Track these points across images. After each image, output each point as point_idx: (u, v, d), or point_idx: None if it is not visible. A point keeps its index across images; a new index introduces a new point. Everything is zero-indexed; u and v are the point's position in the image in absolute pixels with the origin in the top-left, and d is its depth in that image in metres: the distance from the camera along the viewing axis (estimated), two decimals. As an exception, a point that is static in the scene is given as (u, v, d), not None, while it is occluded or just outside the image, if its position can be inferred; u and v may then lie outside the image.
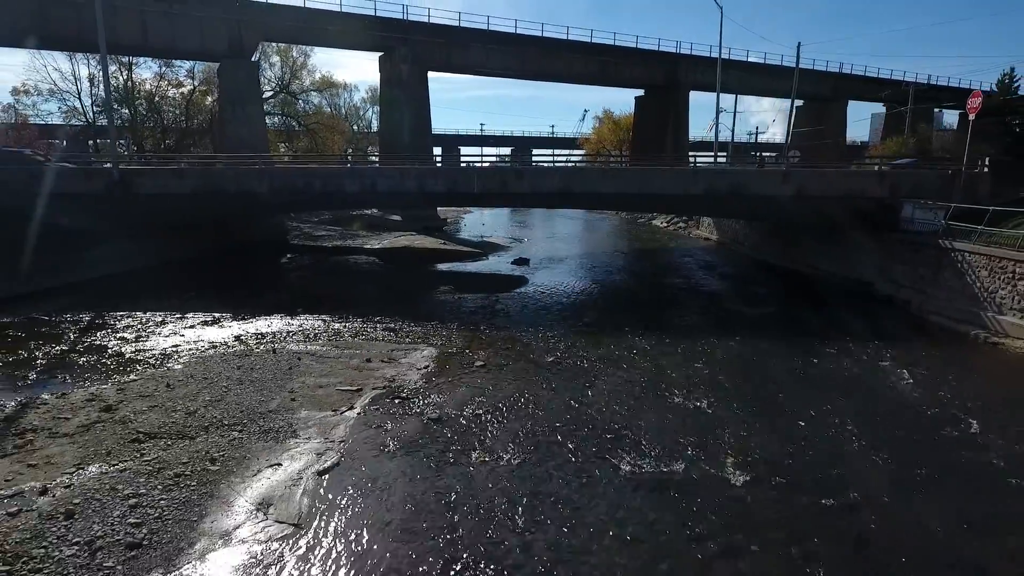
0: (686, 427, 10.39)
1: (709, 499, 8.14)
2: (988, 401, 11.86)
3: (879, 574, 6.72)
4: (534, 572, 6.59)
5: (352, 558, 6.78)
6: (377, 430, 10.01)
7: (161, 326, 15.91)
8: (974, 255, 17.51)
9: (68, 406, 10.34)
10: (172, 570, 6.38)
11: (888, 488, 8.63)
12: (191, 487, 7.90)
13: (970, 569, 6.95)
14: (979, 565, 7.02)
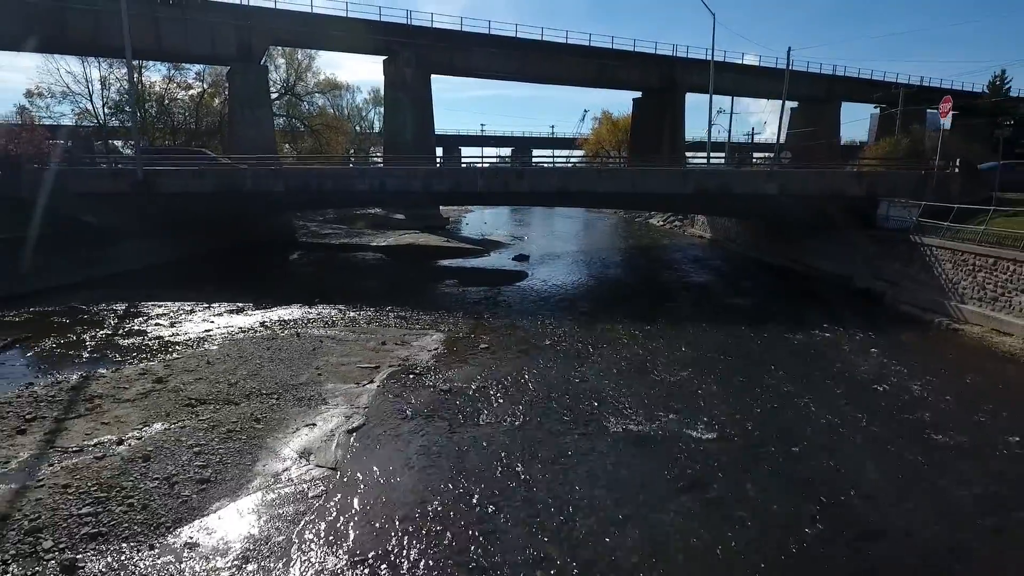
0: (667, 396, 11.82)
1: (682, 450, 9.57)
2: (935, 376, 13.29)
3: (819, 498, 8.13)
4: (534, 505, 7.99)
5: (381, 491, 8.20)
6: (396, 399, 11.44)
7: (191, 314, 17.35)
8: (940, 249, 18.94)
9: (124, 378, 11.79)
10: (237, 499, 7.80)
11: (833, 441, 10.06)
12: (243, 440, 9.33)
13: (885, 491, 8.35)
14: (892, 490, 8.43)
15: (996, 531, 7.77)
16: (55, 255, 21.74)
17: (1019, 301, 15.83)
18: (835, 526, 7.67)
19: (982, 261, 17.16)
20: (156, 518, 7.25)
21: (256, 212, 31.00)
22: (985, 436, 10.34)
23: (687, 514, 7.91)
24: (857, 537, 7.45)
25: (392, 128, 51.62)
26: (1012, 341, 15.35)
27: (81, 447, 8.86)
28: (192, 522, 7.24)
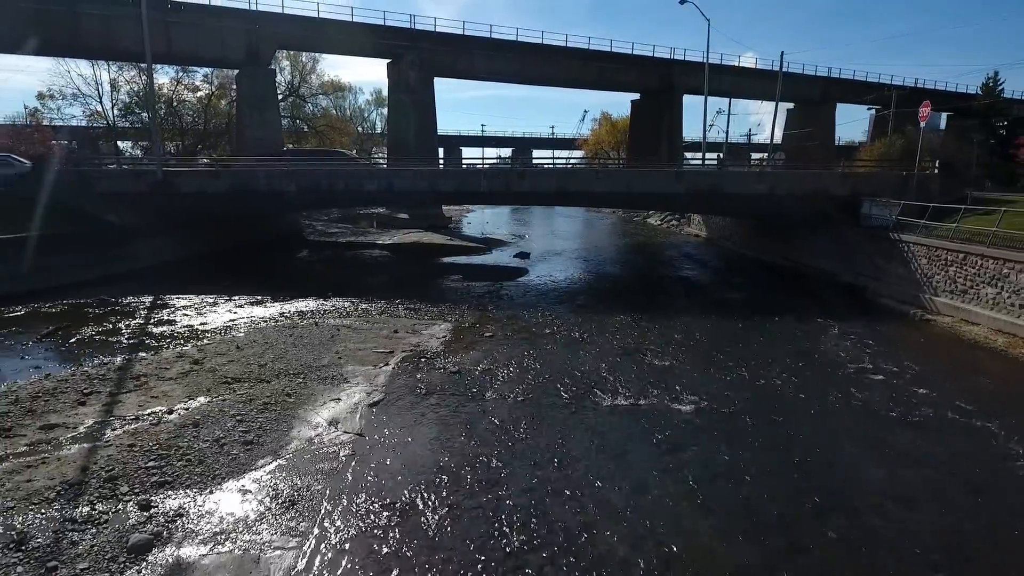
0: (655, 377, 13.03)
1: (666, 420, 10.78)
2: (901, 360, 14.48)
3: (782, 457, 9.33)
4: (535, 462, 9.18)
5: (401, 452, 9.40)
6: (410, 379, 12.65)
7: (215, 306, 18.56)
8: (916, 246, 20.15)
9: (164, 360, 13.01)
10: (279, 458, 9.01)
11: (801, 412, 11.29)
12: (278, 411, 10.55)
13: (837, 449, 9.55)
14: (843, 448, 9.63)
15: (918, 463, 8.97)
16: (81, 252, 22.96)
17: (986, 293, 17.04)
18: (791, 477, 8.90)
19: (953, 256, 18.38)
20: (212, 471, 8.47)
21: (268, 211, 32.26)
22: (935, 410, 11.54)
23: (666, 468, 9.13)
24: (811, 485, 8.65)
25: (396, 130, 52.80)
26: (978, 330, 16.57)
27: (137, 416, 10.08)
28: (243, 475, 8.45)
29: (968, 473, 9.27)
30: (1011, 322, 15.93)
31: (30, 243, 21.01)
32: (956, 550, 7.39)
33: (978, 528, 7.86)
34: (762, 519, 7.87)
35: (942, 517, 8.11)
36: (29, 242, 21.02)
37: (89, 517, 7.22)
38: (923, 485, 8.93)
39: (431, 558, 6.86)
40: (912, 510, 8.25)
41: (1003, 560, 7.26)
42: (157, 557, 6.60)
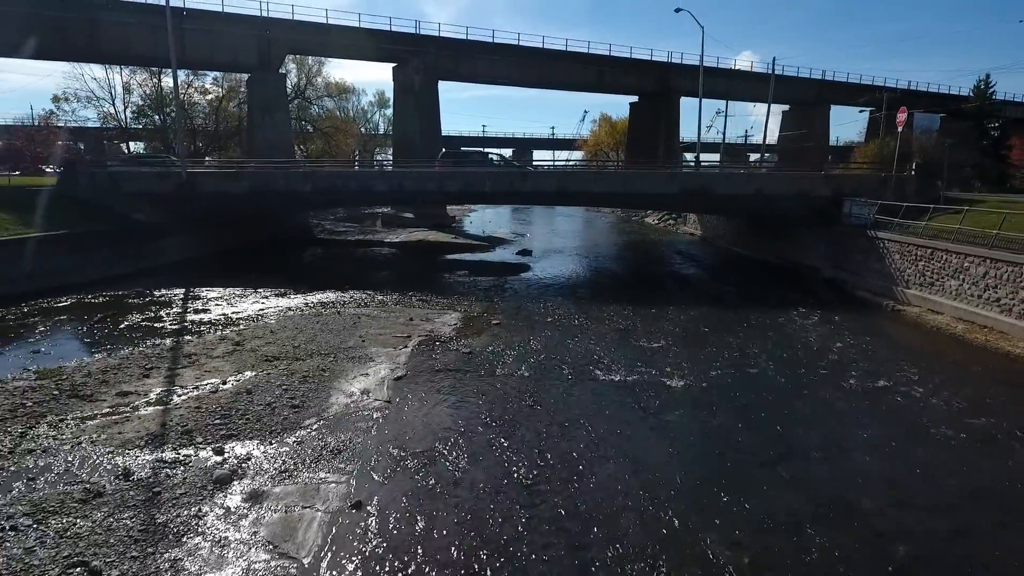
0: (644, 357, 14.64)
1: (654, 391, 12.39)
2: (868, 344, 16.10)
3: (752, 423, 10.91)
4: (539, 424, 10.77)
5: (424, 415, 10.98)
6: (427, 358, 14.25)
7: (243, 297, 20.18)
8: (890, 242, 21.76)
9: (208, 342, 14.63)
10: (322, 418, 10.61)
11: (773, 386, 12.88)
12: (316, 382, 12.16)
13: (802, 418, 11.14)
14: (808, 416, 11.22)
15: (860, 422, 10.56)
16: (113, 248, 24.58)
17: (949, 285, 18.65)
18: (754, 432, 10.51)
19: (922, 252, 19.99)
20: (268, 427, 10.08)
21: (284, 211, 33.89)
22: (886, 383, 13.14)
23: (651, 427, 10.74)
24: (768, 438, 10.26)
25: (401, 132, 54.41)
26: (941, 318, 18.17)
27: (196, 386, 11.70)
28: (295, 430, 10.05)
29: (897, 429, 10.85)
30: (970, 311, 17.54)
31: (70, 240, 22.65)
32: (877, 477, 8.96)
33: (897, 462, 9.45)
34: (728, 461, 9.46)
35: (871, 459, 9.69)
36: (69, 240, 22.66)
37: (176, 459, 8.83)
38: (861, 439, 10.52)
39: (455, 489, 8.45)
40: (848, 455, 9.85)
41: (911, 479, 8.84)
42: (237, 487, 8.21)
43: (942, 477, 9.31)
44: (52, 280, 20.73)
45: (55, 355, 13.62)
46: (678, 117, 63.36)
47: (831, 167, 32.26)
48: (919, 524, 7.99)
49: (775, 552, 7.20)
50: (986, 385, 13.26)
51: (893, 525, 7.90)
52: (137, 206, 27.16)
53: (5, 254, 19.94)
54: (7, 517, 7.21)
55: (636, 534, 7.45)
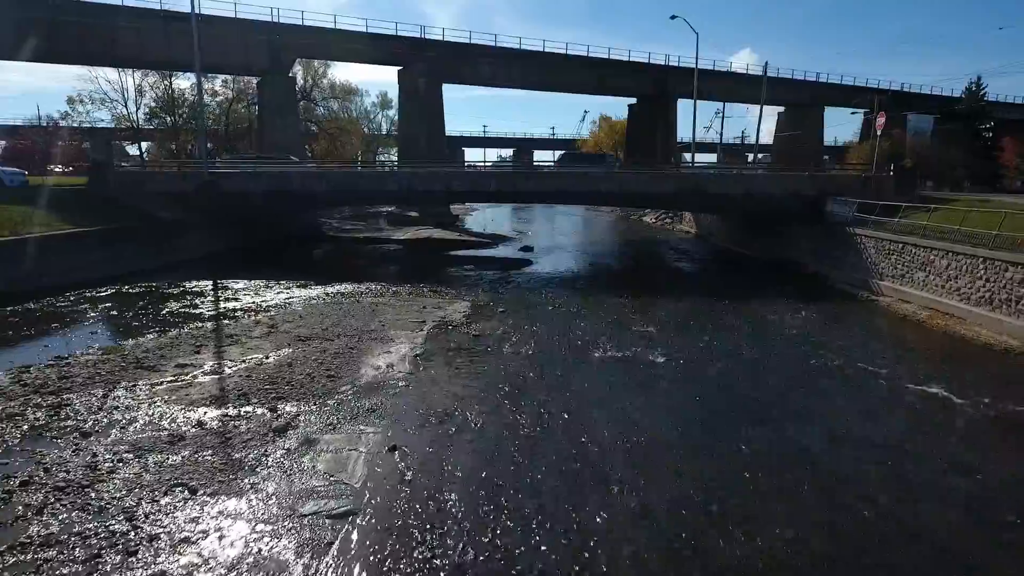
0: (636, 339, 16.32)
1: (643, 366, 14.07)
2: (839, 329, 17.78)
3: (727, 392, 12.59)
4: (542, 392, 12.43)
5: (443, 384, 12.64)
6: (441, 339, 15.93)
7: (268, 288, 21.87)
8: (867, 238, 23.42)
9: (245, 326, 16.32)
10: (356, 386, 12.28)
11: (748, 364, 14.56)
12: (347, 358, 13.85)
13: (773, 390, 12.81)
14: (778, 388, 12.89)
15: (818, 391, 12.24)
16: (142, 244, 26.28)
17: (917, 276, 20.33)
18: (727, 397, 12.19)
19: (894, 246, 21.66)
20: (310, 392, 11.76)
21: (298, 209, 35.64)
22: (845, 361, 14.80)
23: (638, 393, 12.42)
24: (739, 402, 11.94)
25: (406, 133, 56.13)
26: (909, 307, 19.85)
27: (243, 360, 13.40)
28: (333, 395, 11.73)
29: (849, 393, 12.52)
30: (934, 299, 19.22)
31: (104, 236, 24.34)
32: (827, 427, 10.60)
33: (844, 417, 11.11)
34: (701, 416, 11.14)
35: (825, 415, 11.35)
36: (103, 236, 24.35)
37: (238, 414, 10.52)
38: (818, 400, 12.19)
39: (471, 438, 10.11)
40: (806, 413, 11.52)
41: (854, 428, 10.49)
42: (293, 435, 9.88)
43: (882, 427, 10.96)
44: (90, 272, 22.41)
45: (111, 336, 15.34)
46: (675, 119, 65.00)
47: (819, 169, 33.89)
48: (858, 460, 9.64)
49: (736, 477, 8.85)
50: (936, 362, 14.94)
51: (836, 460, 9.57)
52: (161, 204, 28.83)
53: (50, 248, 21.63)
54: (114, 453, 8.91)
55: (621, 467, 9.12)
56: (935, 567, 7.10)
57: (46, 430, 9.68)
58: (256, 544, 7.01)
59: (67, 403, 10.70)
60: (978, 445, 10.42)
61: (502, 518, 7.70)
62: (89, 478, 8.21)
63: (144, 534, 7.06)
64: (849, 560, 7.13)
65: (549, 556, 6.97)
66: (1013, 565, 7.19)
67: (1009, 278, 16.48)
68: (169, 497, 7.86)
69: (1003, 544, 7.55)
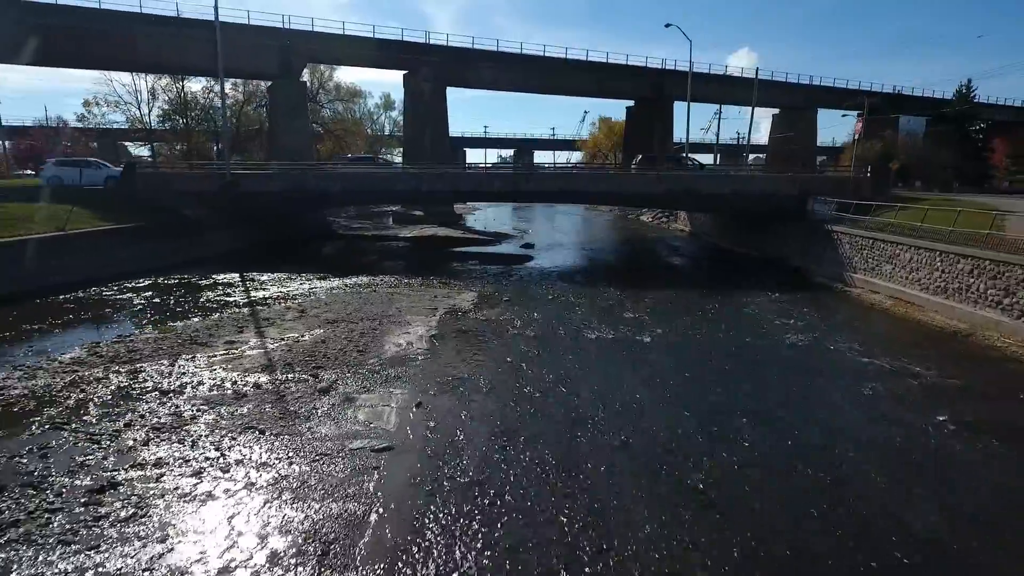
0: (626, 323, 18.28)
1: (631, 345, 16.03)
2: (810, 315, 19.71)
3: (704, 364, 14.52)
4: (542, 365, 14.37)
5: (456, 357, 14.57)
6: (453, 323, 17.88)
7: (291, 280, 23.83)
8: (843, 234, 25.37)
9: (278, 311, 18.29)
10: (382, 359, 14.23)
11: (725, 342, 16.51)
12: (371, 337, 15.81)
13: (739, 360, 14.73)
14: (746, 365, 14.82)
15: (782, 363, 14.17)
16: (168, 240, 28.23)
17: (884, 269, 22.28)
18: (706, 368, 14.13)
19: (865, 242, 23.62)
20: (344, 363, 13.71)
21: (313, 207, 37.62)
22: (809, 340, 16.76)
23: (626, 366, 14.37)
24: (715, 373, 13.88)
25: (410, 135, 58.03)
26: (877, 296, 21.81)
27: (282, 338, 15.37)
28: (364, 365, 13.68)
29: (809, 365, 14.46)
30: (899, 289, 21.17)
31: (137, 233, 26.31)
32: (788, 391, 12.54)
33: (804, 385, 13.04)
34: (680, 381, 13.08)
35: (787, 383, 13.29)
36: (136, 232, 26.33)
37: (287, 379, 12.49)
38: (781, 371, 14.13)
39: (483, 397, 12.05)
40: (771, 381, 13.46)
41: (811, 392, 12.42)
42: (335, 394, 11.84)
43: (828, 389, 12.91)
44: (125, 266, 24.38)
45: (161, 319, 17.29)
46: (672, 120, 66.91)
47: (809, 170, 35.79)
48: (805, 410, 11.58)
49: (700, 421, 10.78)
50: (892, 342, 16.88)
51: (788, 416, 11.50)
52: (185, 203, 30.79)
53: (90, 244, 23.62)
54: (193, 406, 10.89)
55: (606, 416, 11.06)
56: (840, 487, 9.03)
57: (131, 389, 11.66)
58: (318, 467, 8.97)
59: (141, 370, 12.69)
60: (906, 404, 12.34)
61: (508, 452, 9.66)
62: (177, 422, 10.19)
63: (231, 459, 9.03)
64: (781, 461, 9.07)
65: (546, 475, 8.93)
66: (917, 484, 9.11)
67: (960, 269, 18.44)
68: (244, 436, 9.83)
69: (900, 479, 9.49)
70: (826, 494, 8.66)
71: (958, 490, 8.96)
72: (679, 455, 9.69)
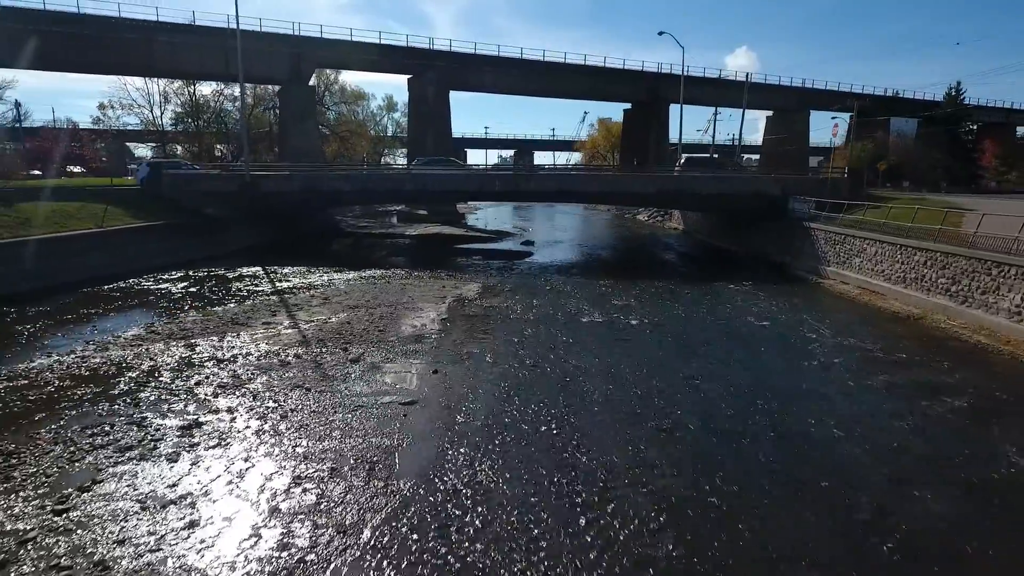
0: (616, 309, 20.38)
1: (619, 326, 18.12)
2: (784, 303, 21.80)
3: (684, 343, 16.60)
4: (541, 342, 16.46)
5: (464, 336, 16.65)
6: (461, 309, 19.98)
7: (311, 272, 25.94)
8: (819, 231, 27.47)
9: (303, 298, 20.41)
10: (400, 337, 16.31)
11: (703, 323, 18.61)
12: (389, 319, 17.92)
13: (715, 338, 16.80)
14: (722, 345, 16.88)
15: (757, 338, 16.24)
16: (192, 236, 30.32)
17: (854, 262, 24.37)
18: (684, 347, 16.23)
19: (838, 238, 25.72)
20: (368, 340, 15.81)
21: (325, 206, 39.85)
22: (787, 323, 18.85)
23: (613, 343, 16.47)
24: (693, 349, 15.97)
25: (414, 137, 60.18)
26: (846, 287, 23.90)
27: (312, 320, 17.49)
28: (385, 342, 15.77)
29: (777, 342, 16.54)
30: (866, 280, 23.26)
31: (166, 230, 28.45)
32: (758, 365, 14.60)
33: (772, 358, 15.11)
34: (661, 354, 15.17)
35: (752, 357, 15.36)
36: (165, 229, 28.47)
37: (321, 352, 14.60)
38: (754, 347, 16.22)
39: (489, 366, 14.12)
40: (734, 356, 15.55)
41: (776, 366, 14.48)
42: (363, 364, 13.93)
43: (790, 362, 14.99)
44: (156, 260, 26.50)
45: (201, 305, 19.39)
46: (667, 123, 68.97)
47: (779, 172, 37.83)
48: (767, 377, 13.65)
49: (676, 385, 12.86)
50: (863, 327, 18.90)
51: (746, 378, 13.58)
52: (207, 202, 32.89)
53: (127, 240, 25.76)
54: (247, 370, 12.99)
55: (595, 380, 13.13)
56: (776, 425, 11.10)
57: (191, 358, 13.78)
58: (358, 415, 11.07)
59: (196, 344, 14.82)
60: (851, 371, 14.40)
61: (511, 405, 11.76)
62: (238, 382, 12.31)
63: (287, 408, 11.15)
64: (733, 407, 11.16)
65: (541, 420, 11.02)
66: (832, 418, 11.17)
67: (916, 260, 20.55)
68: (294, 392, 11.95)
69: (824, 419, 11.58)
70: (764, 427, 10.74)
71: (863, 419, 11.04)
72: (649, 407, 11.79)
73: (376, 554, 7.09)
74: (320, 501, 8.13)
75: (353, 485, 8.58)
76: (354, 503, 8.12)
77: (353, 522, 7.69)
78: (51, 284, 20.64)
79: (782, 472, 9.35)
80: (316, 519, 7.71)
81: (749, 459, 9.77)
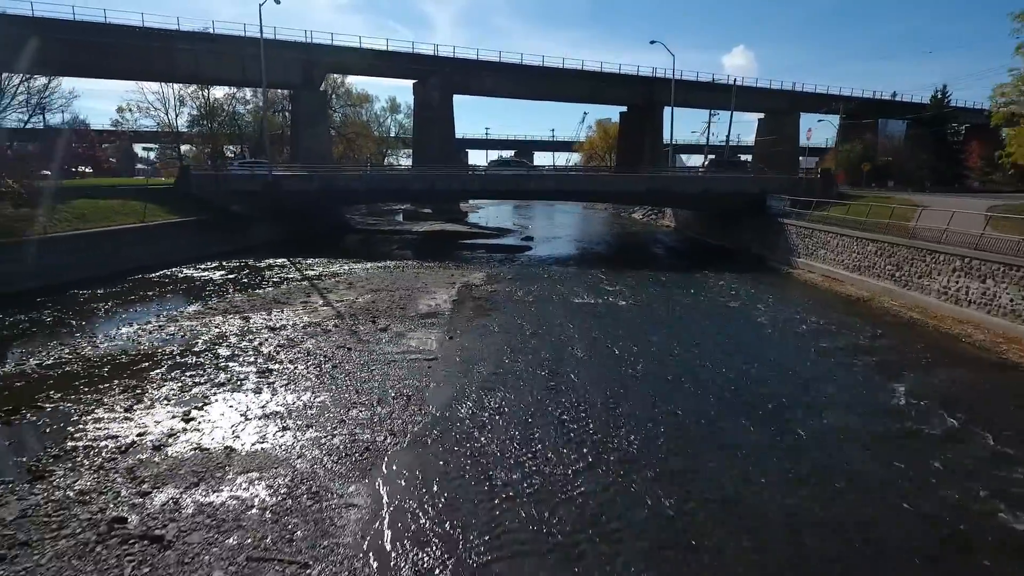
0: (607, 294, 23.21)
1: (609, 307, 20.94)
2: (754, 289, 24.62)
3: (666, 324, 19.40)
4: (537, 319, 19.25)
5: (471, 315, 19.48)
6: (468, 293, 22.80)
7: (332, 263, 28.78)
8: (791, 226, 30.30)
9: (330, 284, 23.25)
10: (418, 313, 19.13)
11: (683, 306, 21.42)
12: (407, 300, 20.75)
13: (693, 318, 19.61)
14: (698, 323, 19.68)
15: (730, 319, 19.04)
16: (222, 231, 33.14)
17: (820, 253, 27.21)
18: (665, 324, 19.05)
19: (807, 231, 28.56)
20: (392, 315, 18.64)
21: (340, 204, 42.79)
22: (754, 305, 21.66)
23: (603, 321, 19.30)
24: (674, 323, 18.78)
25: (419, 139, 62.97)
26: (813, 276, 26.73)
27: (341, 299, 20.33)
28: (406, 317, 18.58)
29: (745, 321, 19.34)
30: (829, 269, 26.10)
31: (199, 225, 31.29)
32: (727, 341, 17.38)
33: (740, 334, 17.89)
34: (643, 330, 17.97)
35: (720, 331, 18.15)
36: (198, 224, 31.31)
37: (354, 323, 17.43)
38: (723, 325, 19.01)
39: (494, 334, 16.94)
40: (706, 332, 18.35)
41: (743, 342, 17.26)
42: (391, 332, 16.75)
43: (757, 334, 17.79)
44: (190, 252, 29.32)
45: (243, 289, 22.21)
46: (662, 125, 71.70)
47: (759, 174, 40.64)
48: (733, 346, 16.45)
49: (655, 352, 15.66)
50: (817, 307, 21.72)
51: (712, 343, 16.38)
52: (233, 200, 35.69)
53: (166, 233, 28.60)
54: (297, 335, 15.85)
55: (584, 346, 15.94)
56: (734, 374, 13.90)
57: (249, 328, 16.62)
58: (392, 367, 13.89)
59: (250, 317, 17.67)
60: (802, 338, 17.20)
61: (514, 361, 14.59)
62: (292, 343, 15.16)
63: (336, 361, 13.99)
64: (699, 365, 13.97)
65: (539, 373, 13.84)
66: (778, 371, 13.97)
67: (869, 251, 23.39)
68: (339, 350, 14.79)
69: (776, 371, 14.39)
70: (715, 373, 13.56)
71: (794, 367, 13.84)
72: (623, 361, 14.63)
73: (417, 447, 9.94)
74: (373, 416, 10.99)
75: (395, 409, 11.43)
76: (398, 418, 10.98)
77: (399, 429, 10.54)
78: (109, 272, 23.47)
79: (729, 399, 12.20)
80: (372, 427, 10.56)
81: (702, 390, 12.63)
